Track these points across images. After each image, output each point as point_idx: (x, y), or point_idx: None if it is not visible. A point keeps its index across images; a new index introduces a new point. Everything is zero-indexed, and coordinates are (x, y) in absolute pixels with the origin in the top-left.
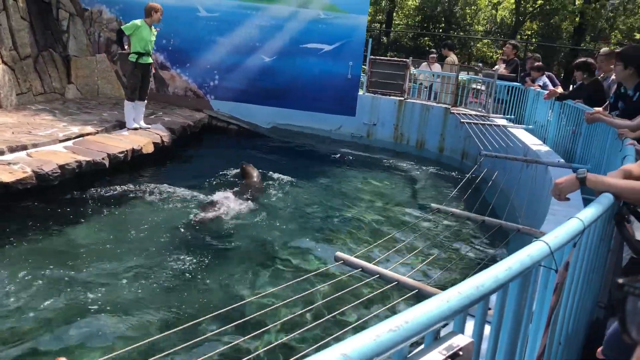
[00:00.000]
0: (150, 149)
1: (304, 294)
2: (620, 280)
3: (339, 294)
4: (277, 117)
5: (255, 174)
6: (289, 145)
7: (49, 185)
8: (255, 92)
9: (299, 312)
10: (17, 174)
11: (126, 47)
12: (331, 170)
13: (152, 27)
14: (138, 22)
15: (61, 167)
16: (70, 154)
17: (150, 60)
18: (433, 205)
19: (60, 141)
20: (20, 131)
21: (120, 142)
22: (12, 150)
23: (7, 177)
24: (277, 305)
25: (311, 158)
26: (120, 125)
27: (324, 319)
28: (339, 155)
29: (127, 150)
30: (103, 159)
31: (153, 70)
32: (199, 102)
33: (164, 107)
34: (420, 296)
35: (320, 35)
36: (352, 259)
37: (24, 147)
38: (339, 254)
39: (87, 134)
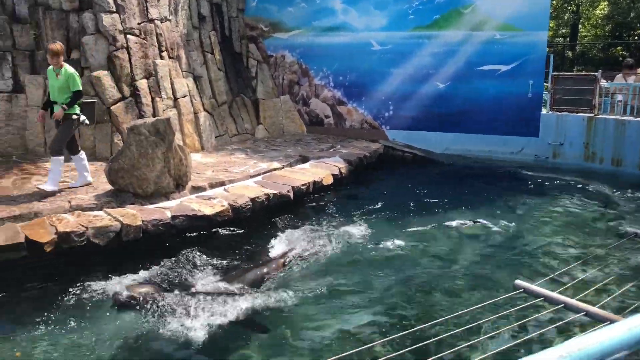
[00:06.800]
0: (329, 180)
1: (480, 322)
2: None
3: (519, 323)
4: (453, 143)
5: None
6: (467, 170)
7: (243, 217)
8: (430, 119)
9: (477, 340)
10: (216, 208)
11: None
12: (513, 194)
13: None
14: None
15: (252, 200)
16: (260, 188)
17: (56, 108)
18: (629, 229)
19: (251, 177)
20: (218, 169)
21: (303, 175)
22: (212, 186)
23: (209, 210)
24: (455, 331)
25: (490, 183)
26: (303, 159)
27: (503, 347)
28: (521, 178)
29: (308, 183)
30: (288, 191)
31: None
32: (375, 133)
33: (342, 140)
34: None
35: (496, 56)
36: (534, 287)
37: (221, 183)
38: (519, 282)
39: (274, 169)
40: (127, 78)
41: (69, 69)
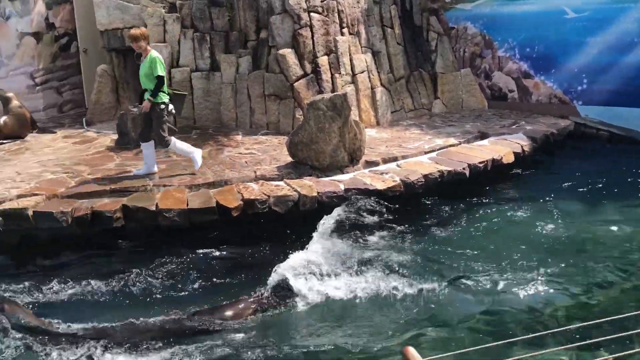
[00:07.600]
0: (510, 158)
1: None
2: None
3: None
4: None
5: None
6: None
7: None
8: (633, 93)
9: None
10: (388, 183)
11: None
12: None
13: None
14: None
15: (425, 176)
16: (434, 165)
17: (146, 95)
18: None
19: (426, 153)
20: (392, 144)
21: (481, 153)
22: (385, 161)
23: (380, 185)
24: None
25: None
26: (482, 136)
27: None
28: None
29: (487, 160)
30: (464, 168)
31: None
32: (564, 108)
33: (527, 116)
34: None
35: None
36: None
37: (394, 159)
38: None
39: (450, 146)
40: (309, 55)
41: (152, 53)
